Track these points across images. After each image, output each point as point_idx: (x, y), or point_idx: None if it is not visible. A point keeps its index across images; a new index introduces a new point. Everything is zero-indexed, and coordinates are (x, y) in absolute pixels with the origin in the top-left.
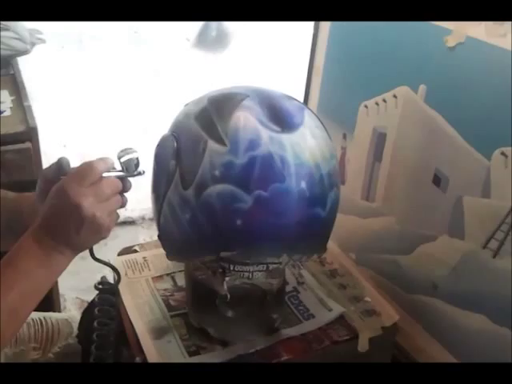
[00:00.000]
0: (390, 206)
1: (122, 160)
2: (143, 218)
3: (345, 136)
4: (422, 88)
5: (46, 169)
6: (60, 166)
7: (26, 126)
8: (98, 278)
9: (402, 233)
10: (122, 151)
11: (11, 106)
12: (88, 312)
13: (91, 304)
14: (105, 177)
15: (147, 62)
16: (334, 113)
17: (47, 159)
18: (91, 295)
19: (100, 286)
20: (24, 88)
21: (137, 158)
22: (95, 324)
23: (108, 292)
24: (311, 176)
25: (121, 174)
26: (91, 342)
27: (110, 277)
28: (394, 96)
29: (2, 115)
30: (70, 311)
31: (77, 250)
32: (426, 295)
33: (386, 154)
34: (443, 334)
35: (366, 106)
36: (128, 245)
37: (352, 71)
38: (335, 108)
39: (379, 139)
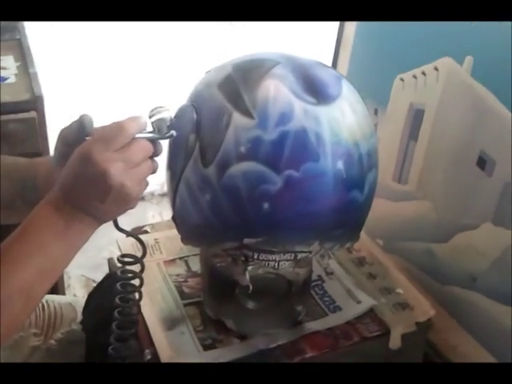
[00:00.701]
0: (425, 189)
1: (154, 119)
2: (152, 194)
3: (376, 112)
4: (469, 60)
5: (66, 129)
6: (82, 126)
7: (31, 94)
8: (106, 256)
9: (439, 219)
10: (153, 110)
11: (16, 72)
12: (93, 296)
13: (97, 288)
14: (135, 139)
15: (166, 28)
16: (365, 86)
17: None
18: (97, 273)
19: (124, 259)
20: (30, 54)
21: (170, 118)
22: (117, 300)
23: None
24: (349, 156)
25: (151, 135)
26: (112, 320)
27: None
28: (435, 68)
29: (5, 82)
30: (75, 289)
31: (100, 220)
32: (463, 288)
33: (424, 132)
34: (480, 330)
35: (401, 80)
36: (136, 221)
37: (386, 40)
38: (366, 81)
39: (416, 116)
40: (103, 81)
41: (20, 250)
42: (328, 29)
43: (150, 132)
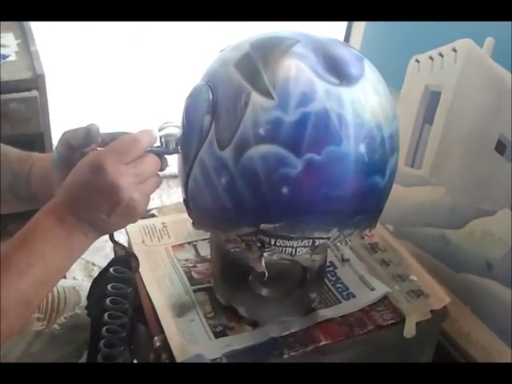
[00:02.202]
0: (439, 174)
1: (163, 134)
2: None
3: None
4: (489, 41)
5: (71, 132)
6: (88, 134)
7: (32, 73)
8: (105, 238)
9: (453, 205)
10: (162, 125)
11: (17, 50)
12: (98, 282)
13: (102, 273)
14: (146, 154)
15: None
16: (378, 67)
17: (54, 111)
18: (96, 256)
19: (114, 274)
20: (31, 31)
21: (179, 134)
22: (105, 317)
23: (123, 282)
24: (372, 139)
25: (159, 149)
26: (100, 337)
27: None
28: (454, 50)
29: (6, 60)
30: (74, 272)
31: (101, 233)
32: (478, 275)
33: (439, 115)
34: (495, 318)
35: (417, 61)
36: None
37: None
38: (379, 61)
39: (432, 98)
40: (105, 59)
41: (21, 260)
42: None
43: (158, 147)
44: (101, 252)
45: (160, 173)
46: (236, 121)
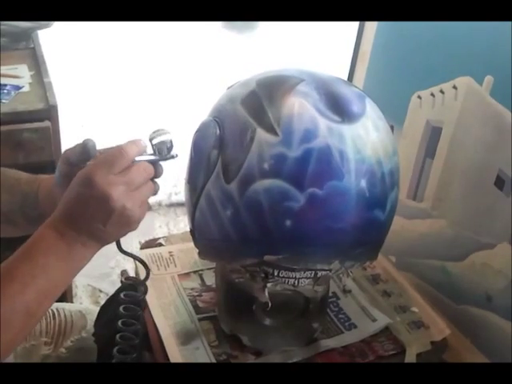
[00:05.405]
0: (441, 207)
1: (155, 142)
2: (160, 204)
3: (392, 128)
4: (489, 79)
5: (69, 150)
6: (85, 149)
7: (45, 104)
8: (113, 265)
9: (455, 238)
10: (153, 132)
11: (30, 81)
12: (106, 308)
13: (110, 300)
14: (136, 162)
15: (176, 42)
16: (381, 103)
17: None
18: (104, 283)
19: (126, 282)
20: (44, 63)
21: (170, 141)
22: (119, 324)
23: (135, 290)
24: (372, 174)
25: (152, 157)
26: (114, 344)
27: (126, 266)
28: (454, 87)
29: (20, 91)
30: (81, 298)
31: (102, 243)
32: (478, 307)
33: (441, 150)
34: (495, 351)
35: (419, 97)
36: (143, 232)
37: (405, 57)
38: (382, 97)
39: (433, 134)
40: (113, 92)
41: (24, 272)
42: (345, 43)
43: (151, 154)
44: (108, 278)
45: (167, 201)
46: (242, 155)
